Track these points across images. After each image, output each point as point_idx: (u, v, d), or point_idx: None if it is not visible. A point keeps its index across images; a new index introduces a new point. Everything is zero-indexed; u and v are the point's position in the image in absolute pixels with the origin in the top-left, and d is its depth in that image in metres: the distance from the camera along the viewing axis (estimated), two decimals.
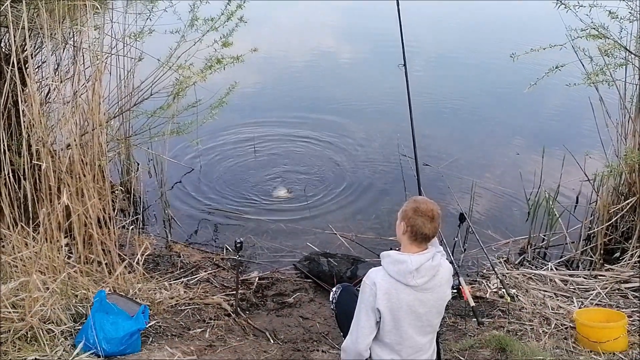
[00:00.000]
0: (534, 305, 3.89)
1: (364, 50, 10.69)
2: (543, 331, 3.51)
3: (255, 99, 8.17)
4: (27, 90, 3.89)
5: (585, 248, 4.89)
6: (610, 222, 4.76)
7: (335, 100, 8.16)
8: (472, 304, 3.74)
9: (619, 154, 4.80)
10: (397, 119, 7.56)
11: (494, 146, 7.16)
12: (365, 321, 2.64)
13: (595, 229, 4.87)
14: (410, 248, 2.68)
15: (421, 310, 2.67)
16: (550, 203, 5.10)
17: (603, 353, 3.15)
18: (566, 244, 5.01)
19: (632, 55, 4.55)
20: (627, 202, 4.68)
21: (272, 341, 3.74)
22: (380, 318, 2.64)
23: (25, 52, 4.01)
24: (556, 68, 4.52)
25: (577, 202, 5.70)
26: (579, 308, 3.79)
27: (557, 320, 3.63)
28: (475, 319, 3.74)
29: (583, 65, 4.64)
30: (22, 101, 3.82)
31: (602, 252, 4.72)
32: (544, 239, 5.10)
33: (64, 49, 4.37)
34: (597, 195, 5.03)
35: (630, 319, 3.54)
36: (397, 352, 2.70)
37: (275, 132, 7.25)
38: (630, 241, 4.59)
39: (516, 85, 7.24)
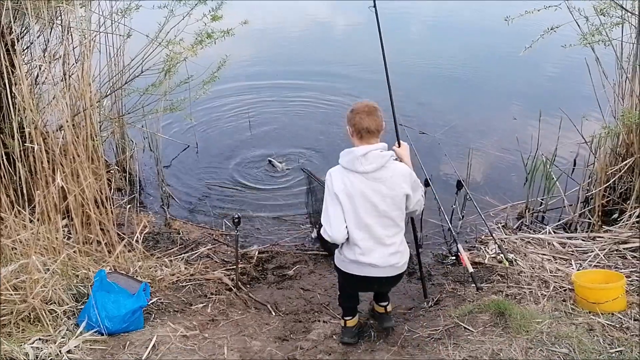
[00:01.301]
0: (533, 269, 3.91)
1: (359, 20, 10.53)
2: (542, 294, 3.54)
3: (248, 72, 8.08)
4: (16, 73, 3.84)
5: (583, 210, 4.90)
6: (608, 184, 4.75)
7: (328, 72, 8.06)
8: (471, 269, 3.76)
9: (616, 114, 4.77)
10: (393, 88, 7.51)
11: (490, 112, 7.12)
12: (332, 207, 2.99)
13: (593, 191, 4.87)
14: (360, 144, 3.00)
15: (374, 199, 2.95)
16: (548, 167, 5.08)
17: (602, 314, 3.17)
18: (564, 207, 5.01)
19: (629, 14, 4.48)
20: (624, 163, 4.66)
21: (273, 313, 3.77)
22: (342, 205, 2.95)
23: (12, 34, 3.95)
24: (551, 29, 4.46)
25: (574, 165, 5.70)
26: (578, 270, 3.80)
27: (556, 283, 3.65)
28: (474, 285, 3.77)
29: (579, 26, 4.58)
30: (12, 83, 3.78)
31: (600, 214, 4.73)
32: (541, 203, 5.10)
33: (51, 29, 4.31)
34: (595, 157, 5.01)
35: (629, 279, 3.55)
36: (366, 252, 2.99)
37: (270, 106, 7.20)
38: (628, 202, 4.60)
39: (512, 49, 7.16)
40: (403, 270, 3.16)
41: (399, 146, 3.34)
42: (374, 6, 3.67)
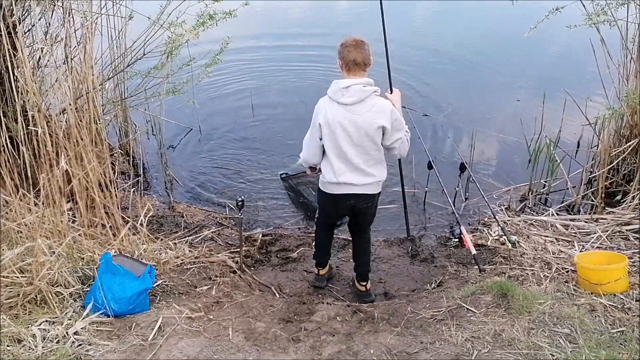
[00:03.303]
0: (535, 250, 3.93)
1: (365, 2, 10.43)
2: (544, 275, 3.56)
3: (250, 54, 8.04)
4: (18, 56, 3.83)
5: (586, 192, 4.90)
6: (611, 165, 4.75)
7: (332, 54, 7.99)
8: (474, 251, 3.79)
9: (621, 95, 4.74)
10: (396, 71, 7.46)
11: (494, 94, 7.09)
12: (311, 134, 3.36)
13: (597, 173, 4.87)
14: (347, 77, 3.25)
15: (351, 129, 3.24)
16: (551, 149, 5.07)
17: (604, 294, 3.19)
18: (567, 189, 5.01)
19: None
20: (628, 144, 4.66)
21: (277, 295, 3.81)
22: (321, 134, 3.27)
23: (14, 17, 3.93)
24: (556, 10, 4.41)
25: (578, 146, 5.69)
26: (580, 252, 3.82)
27: (558, 264, 3.67)
28: (476, 266, 3.80)
29: (584, 6, 4.53)
30: (14, 67, 3.77)
31: (603, 195, 4.73)
32: (545, 185, 5.10)
33: (52, 11, 4.27)
34: (599, 139, 5.00)
35: (631, 261, 3.56)
36: (342, 173, 3.33)
37: (272, 88, 7.17)
38: (631, 184, 4.60)
39: (516, 31, 7.08)
40: (378, 192, 3.51)
41: (391, 92, 3.60)
42: None
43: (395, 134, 3.31)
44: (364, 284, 3.82)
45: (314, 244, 3.99)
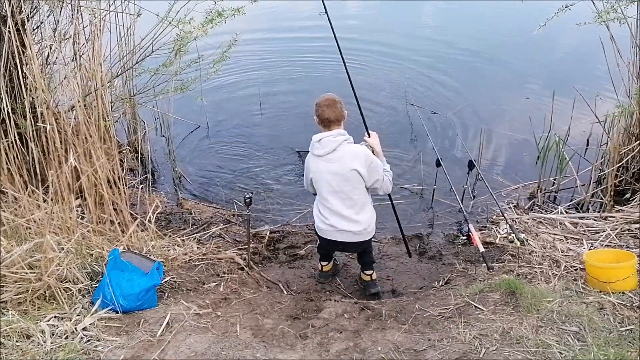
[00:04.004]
0: (544, 248, 3.90)
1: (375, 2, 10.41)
2: (553, 273, 3.54)
3: (258, 51, 8.04)
4: (27, 52, 3.85)
5: (595, 190, 4.87)
6: (620, 164, 4.72)
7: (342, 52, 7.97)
8: (482, 249, 3.78)
9: (630, 93, 4.71)
10: (405, 69, 7.46)
11: (503, 91, 7.05)
12: (305, 177, 3.70)
13: (606, 171, 4.84)
14: (323, 131, 3.51)
15: (328, 177, 3.48)
16: (561, 146, 5.04)
17: (612, 293, 3.17)
18: (576, 187, 4.98)
19: None
20: (638, 142, 4.62)
21: (285, 292, 3.81)
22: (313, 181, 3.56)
23: (23, 14, 3.95)
24: (566, 7, 4.39)
25: (587, 144, 5.65)
26: (589, 250, 3.79)
27: (567, 262, 3.65)
28: (484, 264, 3.78)
29: (594, 3, 4.50)
30: (23, 63, 3.79)
31: (612, 193, 4.70)
32: (554, 183, 5.07)
33: (61, 8, 4.29)
34: (608, 137, 4.97)
35: None
36: (327, 217, 3.56)
37: (280, 85, 7.17)
38: None
39: (525, 28, 7.05)
40: (365, 239, 3.64)
41: (369, 136, 3.78)
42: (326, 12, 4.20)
43: (373, 176, 3.49)
44: (369, 273, 3.84)
45: (318, 242, 3.97)
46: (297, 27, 9.17)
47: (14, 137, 3.80)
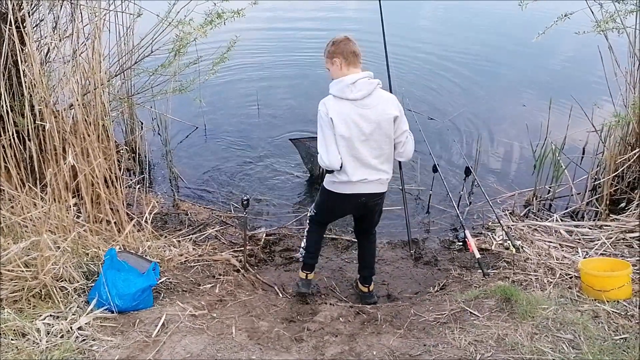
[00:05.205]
0: (539, 256, 3.92)
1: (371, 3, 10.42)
2: (548, 281, 3.55)
3: (257, 53, 8.05)
4: (26, 50, 3.84)
5: (590, 199, 4.90)
6: (616, 173, 4.75)
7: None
8: (478, 255, 3.79)
9: (627, 103, 4.74)
10: (401, 72, 7.47)
11: (500, 98, 7.09)
12: (328, 134, 3.21)
13: (602, 180, 4.87)
14: (348, 72, 3.23)
15: (363, 124, 3.19)
16: (557, 155, 5.08)
17: (607, 301, 3.19)
18: (572, 195, 5.01)
19: None
20: (634, 152, 4.65)
21: (280, 295, 3.81)
22: (334, 130, 3.17)
23: (22, 11, 3.94)
24: (565, 16, 4.42)
25: (583, 153, 5.69)
26: (584, 258, 3.81)
27: (562, 270, 3.67)
28: (480, 271, 3.79)
29: (592, 13, 4.53)
30: (22, 61, 3.78)
31: (607, 202, 4.73)
32: (549, 190, 5.10)
33: (61, 6, 4.28)
34: (604, 146, 5.00)
35: (635, 268, 3.56)
36: (354, 171, 3.26)
37: (278, 87, 7.18)
38: (636, 191, 4.60)
39: (524, 37, 7.10)
40: (385, 190, 3.48)
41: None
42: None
43: (402, 125, 3.33)
44: (367, 285, 3.81)
45: (303, 245, 3.78)
46: (295, 27, 9.21)
47: (12, 134, 3.79)
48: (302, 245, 3.78)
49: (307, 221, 3.75)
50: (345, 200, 3.44)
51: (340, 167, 3.26)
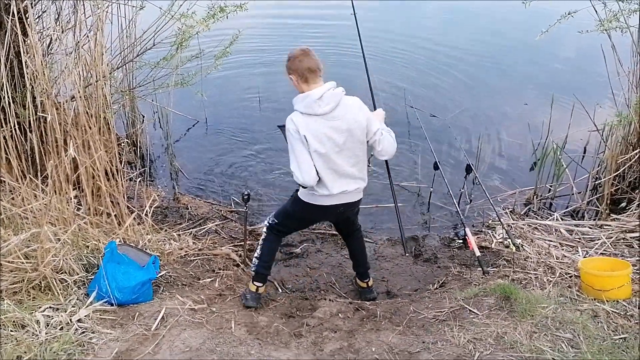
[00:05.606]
0: (539, 254, 3.92)
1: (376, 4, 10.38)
2: (547, 280, 3.55)
3: (259, 48, 8.02)
4: (28, 41, 3.83)
5: (591, 198, 4.89)
6: (617, 172, 4.74)
7: (340, 51, 7.98)
8: (478, 253, 3.79)
9: (630, 102, 4.73)
10: (403, 70, 7.46)
11: (502, 96, 7.07)
12: (299, 151, 3.11)
13: (603, 179, 4.86)
14: (309, 88, 3.13)
15: (336, 136, 3.12)
16: (558, 154, 5.07)
17: (607, 301, 3.19)
18: (572, 194, 5.00)
19: None
20: (635, 151, 4.64)
21: (280, 290, 3.81)
22: (309, 147, 3.09)
23: (25, 1, 3.93)
24: (568, 14, 4.41)
25: (584, 152, 5.67)
26: (584, 257, 3.81)
27: (562, 269, 3.67)
28: (480, 269, 3.79)
29: (596, 12, 4.51)
30: (24, 52, 3.77)
31: (608, 202, 4.72)
32: (550, 189, 5.09)
33: None
34: (606, 145, 4.99)
35: (635, 268, 3.56)
36: (333, 184, 3.19)
37: (280, 81, 7.13)
38: (637, 191, 4.59)
39: (527, 34, 7.08)
40: (361, 197, 3.42)
41: (375, 110, 3.51)
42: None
43: (372, 126, 3.23)
44: (366, 280, 3.80)
45: (257, 254, 3.52)
46: (298, 23, 9.17)
47: (14, 126, 3.78)
48: (256, 254, 3.54)
49: (264, 229, 3.55)
50: (321, 211, 3.37)
51: (318, 181, 3.18)
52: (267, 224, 3.53)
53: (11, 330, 2.74)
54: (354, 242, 3.77)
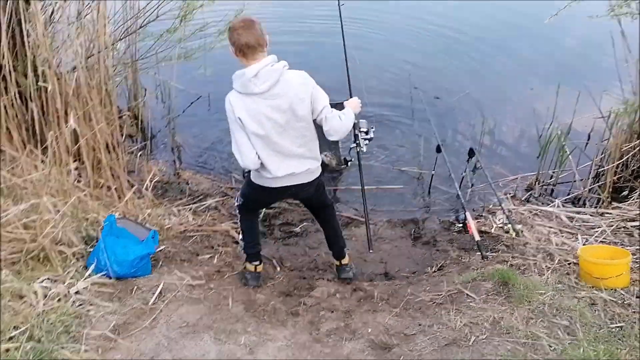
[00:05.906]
0: (539, 240, 3.92)
1: None
2: (546, 266, 3.55)
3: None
4: (30, 9, 3.77)
5: (593, 186, 4.87)
6: (621, 161, 4.71)
7: (346, 33, 7.87)
8: (477, 238, 3.78)
9: (636, 90, 4.68)
10: (409, 51, 7.37)
11: (507, 81, 6.99)
12: (238, 134, 2.93)
13: (605, 167, 4.83)
14: (247, 64, 2.86)
15: (276, 115, 2.88)
16: (562, 140, 5.03)
17: (605, 289, 3.19)
18: (575, 181, 4.98)
19: None
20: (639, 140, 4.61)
21: (278, 269, 3.81)
22: (245, 129, 2.88)
23: None
24: None
25: (588, 139, 5.63)
26: (584, 245, 3.81)
27: (561, 256, 3.66)
28: (479, 253, 3.79)
29: None
30: (26, 20, 3.72)
31: (610, 190, 4.70)
32: (552, 176, 5.07)
33: None
34: (610, 133, 4.95)
35: (635, 257, 3.55)
36: (278, 166, 2.99)
37: (285, 57, 7.06)
38: (639, 180, 4.56)
39: (535, 17, 6.97)
40: (318, 175, 3.20)
41: (351, 98, 3.38)
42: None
43: (319, 104, 2.98)
44: (340, 259, 3.63)
45: (240, 234, 3.53)
46: (303, 3, 9.05)
47: (15, 95, 3.75)
48: (241, 236, 3.48)
49: (237, 211, 3.50)
50: (272, 193, 3.21)
51: (262, 164, 3.01)
52: (237, 204, 3.46)
53: (9, 301, 2.74)
54: (323, 220, 3.61)
